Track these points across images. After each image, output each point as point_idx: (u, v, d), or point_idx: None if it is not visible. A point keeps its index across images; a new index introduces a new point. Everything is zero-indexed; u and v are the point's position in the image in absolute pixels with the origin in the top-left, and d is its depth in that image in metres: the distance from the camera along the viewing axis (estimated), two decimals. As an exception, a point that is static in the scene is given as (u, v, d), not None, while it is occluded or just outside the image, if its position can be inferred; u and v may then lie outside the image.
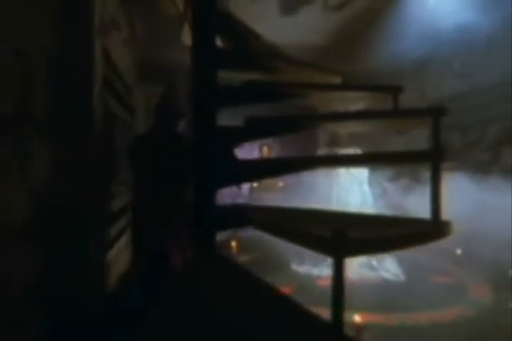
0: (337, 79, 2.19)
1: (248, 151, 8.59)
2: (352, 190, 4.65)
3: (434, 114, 1.40)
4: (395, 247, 1.15)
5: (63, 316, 1.37)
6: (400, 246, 1.11)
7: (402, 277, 4.18)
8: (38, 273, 1.29)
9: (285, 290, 3.69)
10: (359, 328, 2.59)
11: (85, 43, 1.73)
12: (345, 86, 2.01)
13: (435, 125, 1.38)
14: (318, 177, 4.76)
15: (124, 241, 2.51)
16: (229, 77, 1.73)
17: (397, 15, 4.70)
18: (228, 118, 1.70)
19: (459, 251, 5.13)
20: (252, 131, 1.68)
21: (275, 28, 5.86)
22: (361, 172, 4.75)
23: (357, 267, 4.32)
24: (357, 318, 2.63)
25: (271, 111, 1.97)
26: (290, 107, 2.47)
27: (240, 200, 8.33)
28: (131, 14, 3.26)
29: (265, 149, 8.10)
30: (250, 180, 2.12)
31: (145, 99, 4.10)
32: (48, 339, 1.35)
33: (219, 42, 1.94)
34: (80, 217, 1.57)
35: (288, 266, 4.58)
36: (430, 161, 1.26)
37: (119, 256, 2.39)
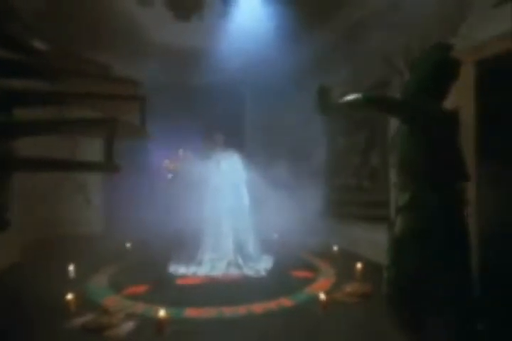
0: (131, 90, 2.33)
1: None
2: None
3: (107, 123, 1.55)
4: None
5: None
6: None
7: (262, 273, 4.38)
8: None
9: (139, 289, 3.78)
10: (161, 322, 2.72)
11: None
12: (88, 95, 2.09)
13: (109, 133, 1.52)
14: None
15: None
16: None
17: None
18: None
19: (335, 249, 5.45)
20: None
21: (171, 32, 6.01)
22: (237, 173, 4.94)
23: (225, 266, 4.49)
24: (161, 313, 2.76)
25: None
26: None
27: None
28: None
29: (180, 151, 8.16)
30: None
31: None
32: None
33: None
34: None
35: (166, 266, 4.68)
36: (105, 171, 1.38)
37: None
